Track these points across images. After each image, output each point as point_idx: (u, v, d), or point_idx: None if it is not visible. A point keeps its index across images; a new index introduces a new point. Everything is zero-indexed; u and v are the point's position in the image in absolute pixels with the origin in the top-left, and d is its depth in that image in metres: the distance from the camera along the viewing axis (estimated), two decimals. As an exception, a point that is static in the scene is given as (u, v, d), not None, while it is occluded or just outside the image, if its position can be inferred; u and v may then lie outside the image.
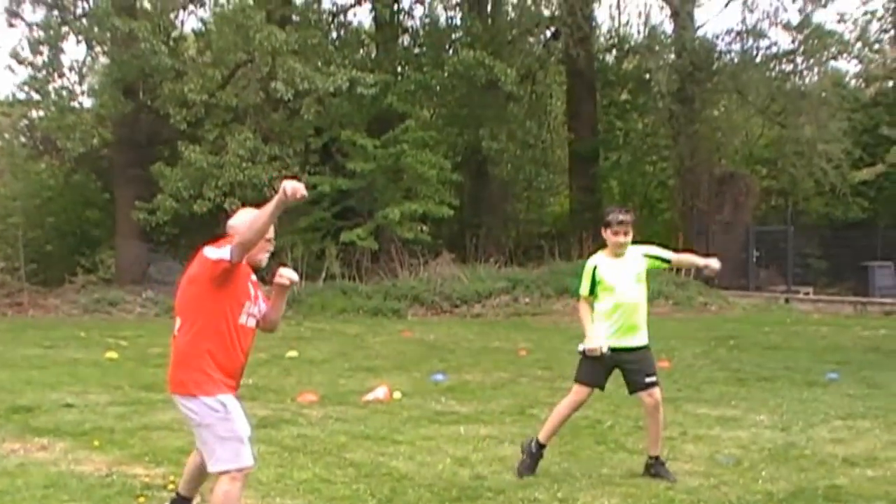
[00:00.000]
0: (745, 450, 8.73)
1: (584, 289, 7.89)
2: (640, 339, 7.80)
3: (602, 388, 7.88)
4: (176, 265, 26.20)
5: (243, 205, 23.72)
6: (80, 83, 27.68)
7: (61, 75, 26.63)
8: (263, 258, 5.79)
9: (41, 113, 28.07)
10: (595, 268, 7.84)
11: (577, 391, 7.87)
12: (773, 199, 37.20)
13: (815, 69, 32.20)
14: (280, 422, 10.01)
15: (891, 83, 36.12)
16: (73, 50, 41.39)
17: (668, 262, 8.14)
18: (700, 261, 8.24)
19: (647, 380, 7.72)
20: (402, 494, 7.20)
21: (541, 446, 7.95)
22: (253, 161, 25.31)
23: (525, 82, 32.45)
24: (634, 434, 9.40)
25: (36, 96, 26.70)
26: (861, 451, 8.63)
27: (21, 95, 26.91)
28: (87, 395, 11.63)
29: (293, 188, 5.16)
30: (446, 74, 29.06)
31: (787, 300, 28.43)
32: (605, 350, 7.65)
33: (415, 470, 8.00)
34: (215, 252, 5.50)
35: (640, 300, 7.81)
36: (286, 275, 5.75)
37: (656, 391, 7.73)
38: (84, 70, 27.63)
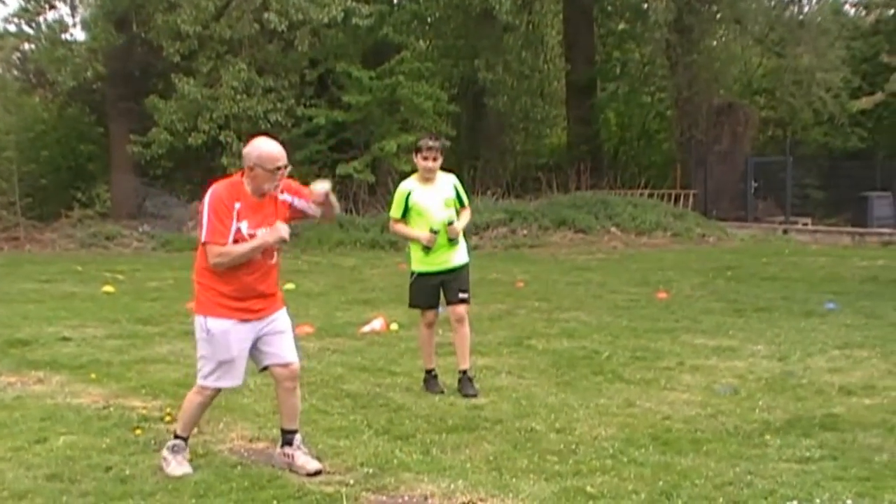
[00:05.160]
0: (743, 379, 8.73)
1: (396, 212, 8.24)
2: (457, 258, 8.24)
3: (436, 307, 8.36)
4: (171, 199, 26.11)
5: (238, 138, 23.81)
6: (72, 15, 27.43)
7: (52, 7, 26.39)
8: (270, 187, 6.10)
9: (33, 46, 27.79)
10: (409, 193, 8.16)
11: (425, 316, 8.35)
12: (772, 129, 37.06)
13: (814, -3, 31.94)
14: (277, 354, 9.97)
15: (891, 11, 35.63)
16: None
17: (462, 205, 8.42)
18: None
19: (461, 295, 8.22)
20: (399, 425, 7.20)
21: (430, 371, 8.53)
22: (248, 93, 25.12)
23: (521, 12, 32.10)
24: (632, 364, 9.41)
25: (27, 28, 26.46)
26: (858, 380, 8.63)
27: (12, 28, 26.67)
28: (84, 329, 11.64)
29: (279, 236, 5.99)
30: (441, 4, 28.73)
31: (785, 231, 28.40)
32: (436, 229, 8.07)
33: (412, 401, 8.01)
34: (206, 222, 5.93)
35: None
36: (318, 190, 6.49)
37: (463, 306, 8.27)
38: (75, 2, 27.33)
